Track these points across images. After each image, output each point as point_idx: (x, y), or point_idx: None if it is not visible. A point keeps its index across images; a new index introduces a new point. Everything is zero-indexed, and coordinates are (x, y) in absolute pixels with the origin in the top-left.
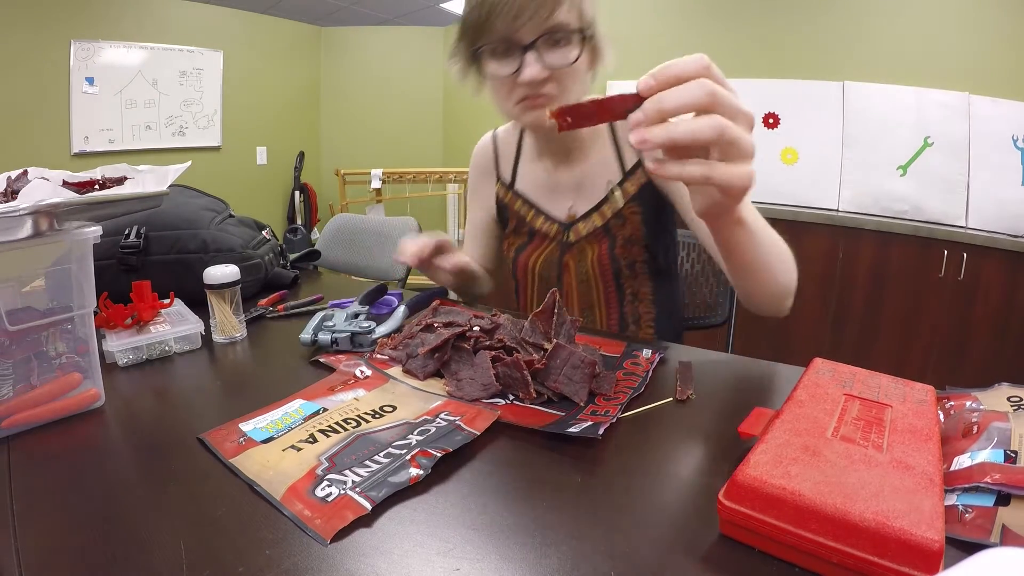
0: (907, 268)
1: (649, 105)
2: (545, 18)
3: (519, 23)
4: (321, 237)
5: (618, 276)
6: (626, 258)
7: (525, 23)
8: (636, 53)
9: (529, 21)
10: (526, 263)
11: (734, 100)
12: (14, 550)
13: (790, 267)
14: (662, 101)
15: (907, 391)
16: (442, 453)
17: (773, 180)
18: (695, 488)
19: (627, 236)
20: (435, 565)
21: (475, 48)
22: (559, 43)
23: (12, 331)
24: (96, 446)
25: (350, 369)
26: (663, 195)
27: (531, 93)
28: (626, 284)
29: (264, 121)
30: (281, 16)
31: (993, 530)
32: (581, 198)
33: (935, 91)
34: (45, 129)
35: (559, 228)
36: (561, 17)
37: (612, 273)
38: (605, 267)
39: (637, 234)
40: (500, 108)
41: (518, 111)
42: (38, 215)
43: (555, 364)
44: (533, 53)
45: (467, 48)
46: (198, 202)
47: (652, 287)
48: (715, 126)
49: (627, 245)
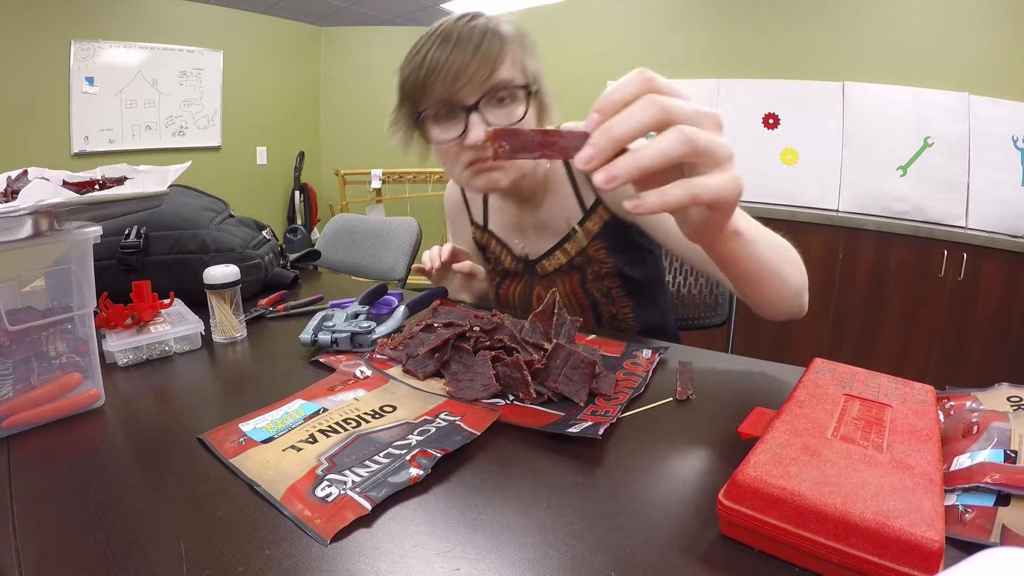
0: (907, 268)
1: (598, 137)
2: (486, 77)
3: (459, 84)
4: (321, 237)
5: (595, 305)
6: (599, 289)
7: (466, 84)
8: (637, 53)
9: (470, 81)
10: (506, 295)
11: (690, 107)
12: (14, 550)
13: (797, 264)
14: (612, 129)
15: (907, 391)
16: (442, 453)
17: (773, 180)
18: (695, 488)
19: (596, 271)
20: (435, 565)
21: (417, 114)
22: (504, 101)
23: (12, 331)
24: (96, 446)
25: (350, 369)
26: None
27: (479, 156)
28: (604, 310)
29: (264, 121)
30: (281, 16)
31: (993, 530)
32: (544, 237)
33: (935, 91)
34: (45, 129)
35: (525, 266)
36: (503, 74)
37: (588, 304)
38: (580, 298)
39: (607, 267)
40: (449, 173)
41: (467, 176)
42: (38, 215)
43: (555, 364)
44: (477, 115)
45: (408, 114)
46: (198, 202)
47: (632, 305)
48: (682, 138)
49: (598, 279)
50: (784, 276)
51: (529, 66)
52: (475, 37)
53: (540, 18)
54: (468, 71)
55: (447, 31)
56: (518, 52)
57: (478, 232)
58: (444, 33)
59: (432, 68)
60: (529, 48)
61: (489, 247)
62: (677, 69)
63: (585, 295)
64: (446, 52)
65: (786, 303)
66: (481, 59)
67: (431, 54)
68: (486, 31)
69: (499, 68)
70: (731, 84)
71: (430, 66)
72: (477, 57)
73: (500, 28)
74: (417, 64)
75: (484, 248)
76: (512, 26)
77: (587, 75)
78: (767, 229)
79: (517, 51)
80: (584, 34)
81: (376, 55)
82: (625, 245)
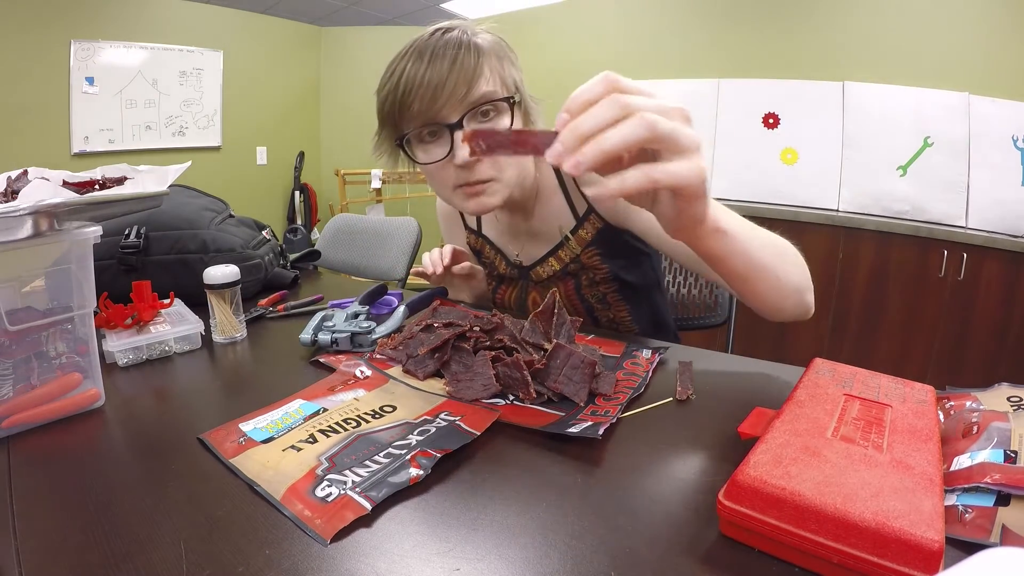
0: (907, 268)
1: (565, 134)
2: (465, 93)
3: (439, 103)
4: (321, 237)
5: (591, 311)
6: (594, 295)
7: (446, 102)
8: (637, 53)
9: (450, 99)
10: (503, 299)
11: (653, 102)
12: (14, 550)
13: (795, 262)
14: (578, 127)
15: (907, 391)
16: (442, 453)
17: (773, 180)
18: (695, 488)
19: (591, 277)
20: (435, 565)
21: (399, 138)
22: (488, 115)
23: (12, 331)
24: (96, 446)
25: (350, 369)
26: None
27: (469, 179)
28: (600, 315)
29: (264, 121)
30: (281, 16)
31: (993, 530)
32: (537, 244)
33: (935, 91)
34: (45, 129)
35: (519, 272)
36: (483, 88)
37: (584, 309)
38: (575, 304)
39: (602, 273)
40: (440, 195)
41: (459, 199)
42: (38, 215)
43: (555, 364)
44: (461, 132)
45: (390, 138)
46: (198, 202)
47: (630, 309)
48: (643, 124)
49: (593, 285)
50: (780, 275)
51: (509, 76)
52: (449, 51)
53: (540, 18)
54: (447, 88)
55: (420, 47)
56: (495, 63)
57: (472, 237)
58: (417, 50)
59: (409, 88)
60: (507, 57)
61: (484, 252)
62: (677, 69)
63: (580, 301)
64: (421, 69)
65: (785, 302)
66: (459, 74)
67: (407, 73)
68: (460, 44)
69: (477, 82)
70: (731, 84)
71: (406, 86)
72: (454, 72)
73: (475, 39)
74: (393, 85)
75: (479, 253)
76: (487, 36)
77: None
78: (763, 229)
79: (495, 62)
80: (584, 34)
81: (376, 55)
82: (620, 250)
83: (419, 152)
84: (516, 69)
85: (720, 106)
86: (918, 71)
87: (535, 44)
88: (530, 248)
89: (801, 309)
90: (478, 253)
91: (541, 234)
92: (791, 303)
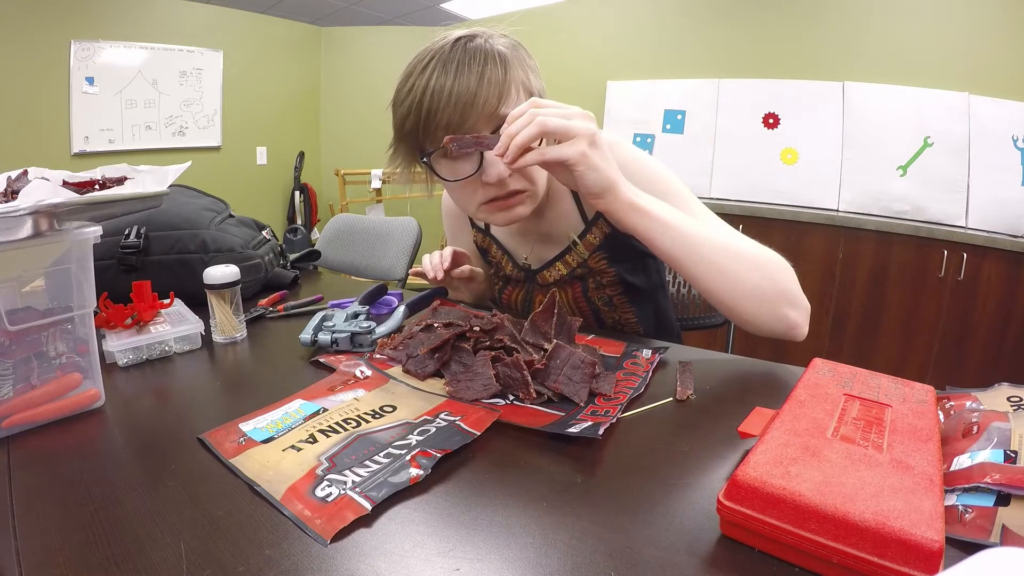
0: (907, 268)
1: (503, 139)
2: (495, 108)
3: (471, 120)
4: (321, 237)
5: (597, 313)
6: (601, 298)
7: (478, 117)
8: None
9: (482, 112)
10: (509, 300)
11: (558, 111)
12: (14, 550)
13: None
14: (508, 134)
15: (907, 391)
16: (442, 453)
17: (773, 180)
18: (695, 488)
19: (598, 280)
20: (435, 565)
21: (423, 156)
22: None
23: (12, 331)
24: (96, 446)
25: (350, 369)
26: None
27: (500, 194)
28: (606, 317)
29: (264, 121)
30: (281, 16)
31: (993, 530)
32: (547, 247)
33: (935, 91)
34: (45, 129)
35: (526, 274)
36: (513, 101)
37: (590, 311)
38: (582, 307)
39: (609, 276)
40: (464, 210)
41: (486, 213)
42: (38, 215)
43: (555, 364)
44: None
45: (410, 154)
46: (198, 202)
47: (635, 311)
48: (537, 124)
49: (600, 288)
50: (728, 274)
51: (534, 84)
52: (475, 64)
53: (540, 18)
54: (476, 106)
55: (444, 59)
56: (520, 73)
57: (479, 236)
58: (442, 61)
59: (436, 103)
60: (529, 64)
61: (490, 252)
62: (677, 69)
63: (587, 303)
64: (448, 83)
65: (752, 309)
66: (488, 88)
67: (432, 87)
68: (486, 55)
69: (506, 97)
70: (731, 84)
71: (433, 101)
72: (484, 86)
73: (498, 48)
74: (416, 100)
75: (485, 252)
76: (506, 41)
77: (587, 75)
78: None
79: (519, 72)
80: (584, 34)
81: (376, 55)
82: (626, 253)
83: (443, 169)
84: (537, 77)
85: (720, 106)
86: (918, 71)
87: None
88: (540, 250)
89: (782, 325)
90: (484, 252)
91: (551, 237)
92: (765, 313)
